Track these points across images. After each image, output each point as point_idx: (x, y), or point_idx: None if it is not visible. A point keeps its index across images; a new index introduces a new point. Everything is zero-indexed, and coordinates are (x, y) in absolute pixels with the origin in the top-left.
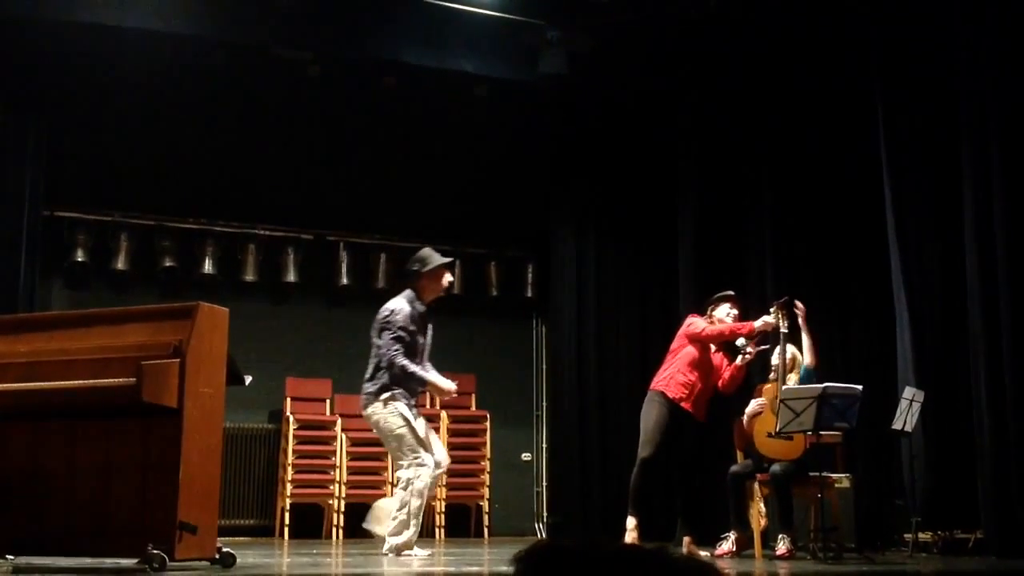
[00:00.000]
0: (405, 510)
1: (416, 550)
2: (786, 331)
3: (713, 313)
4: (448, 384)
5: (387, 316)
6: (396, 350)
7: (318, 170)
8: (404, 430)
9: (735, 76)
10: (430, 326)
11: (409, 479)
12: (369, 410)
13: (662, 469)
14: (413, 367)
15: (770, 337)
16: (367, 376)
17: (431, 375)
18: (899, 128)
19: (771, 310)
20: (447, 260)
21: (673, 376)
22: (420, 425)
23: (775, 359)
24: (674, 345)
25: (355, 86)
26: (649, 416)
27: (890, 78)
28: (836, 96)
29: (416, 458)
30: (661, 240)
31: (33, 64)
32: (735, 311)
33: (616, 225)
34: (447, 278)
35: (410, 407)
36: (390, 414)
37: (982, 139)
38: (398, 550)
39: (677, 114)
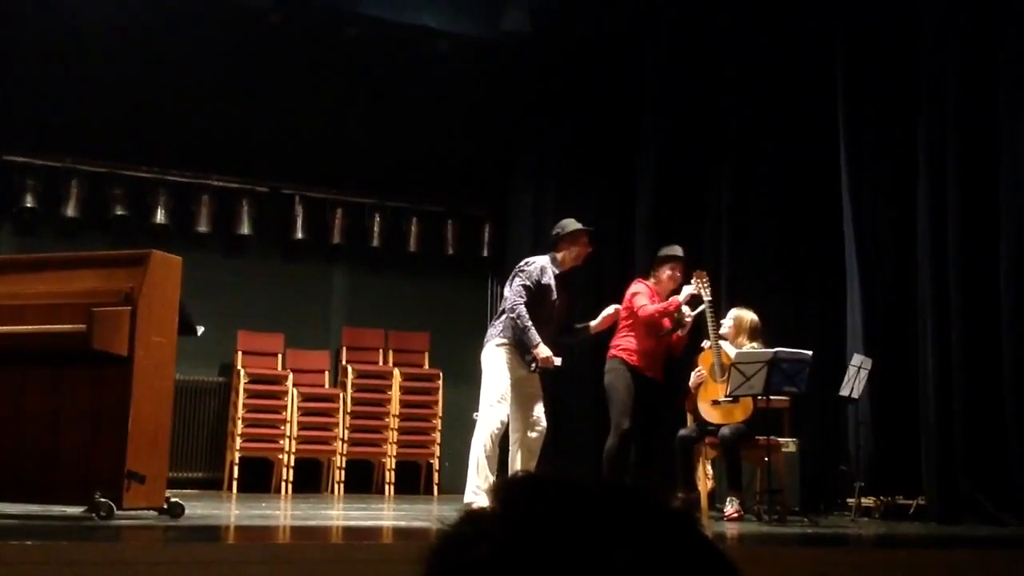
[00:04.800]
0: (475, 465)
1: (481, 500)
2: (709, 298)
3: (656, 274)
4: (548, 353)
5: (522, 265)
6: (521, 298)
7: (275, 121)
8: (498, 378)
9: (697, 39)
10: (566, 295)
11: (478, 428)
12: (484, 350)
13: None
14: (528, 321)
15: (695, 306)
16: (494, 318)
17: (539, 340)
18: (858, 97)
19: (692, 280)
20: (588, 228)
21: (628, 344)
22: (516, 386)
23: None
24: (624, 313)
25: (315, 37)
26: (618, 386)
27: (852, 44)
28: (798, 62)
29: (490, 407)
30: (620, 201)
31: None
32: (677, 273)
33: (575, 186)
34: (586, 245)
35: (517, 365)
36: (495, 358)
37: (939, 112)
38: (473, 493)
39: (639, 75)
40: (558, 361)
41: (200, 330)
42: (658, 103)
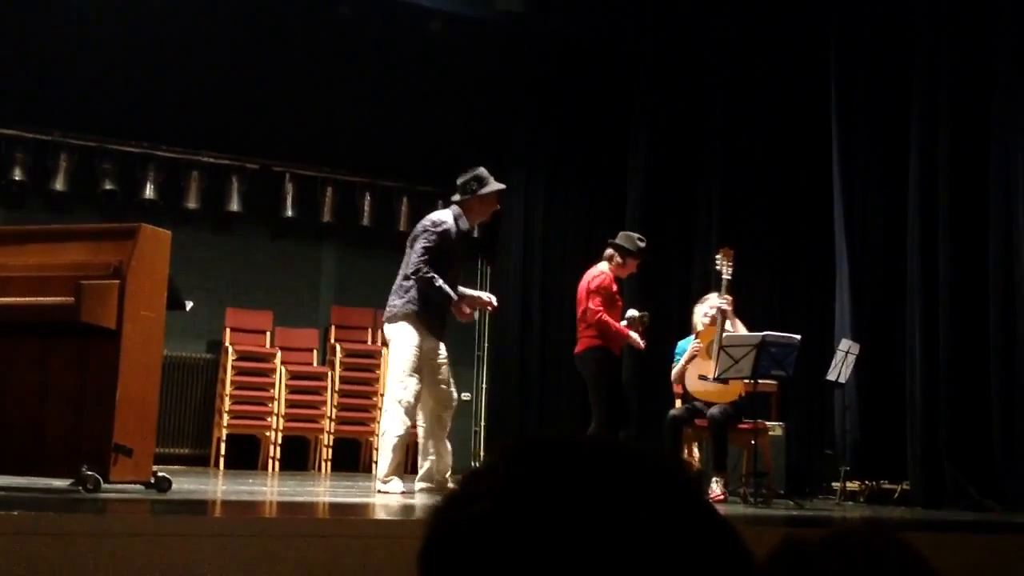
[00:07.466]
0: (389, 446)
1: (394, 483)
2: (729, 277)
3: (625, 261)
4: (483, 295)
5: (427, 226)
6: (424, 260)
7: (266, 98)
8: (408, 352)
9: (691, 24)
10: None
11: (388, 406)
12: (387, 324)
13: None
14: (440, 281)
15: (714, 283)
16: (394, 288)
17: (459, 289)
18: (850, 85)
19: (718, 256)
20: (503, 187)
21: (594, 333)
22: (427, 357)
23: (698, 315)
24: (584, 304)
25: (307, 13)
26: (602, 377)
27: (845, 36)
28: (791, 50)
29: (400, 383)
30: (611, 184)
31: None
32: (629, 270)
33: (567, 167)
34: (495, 206)
35: (427, 335)
36: (403, 330)
37: (931, 101)
38: (382, 482)
39: (631, 58)
40: (492, 297)
41: (189, 305)
42: (651, 87)
